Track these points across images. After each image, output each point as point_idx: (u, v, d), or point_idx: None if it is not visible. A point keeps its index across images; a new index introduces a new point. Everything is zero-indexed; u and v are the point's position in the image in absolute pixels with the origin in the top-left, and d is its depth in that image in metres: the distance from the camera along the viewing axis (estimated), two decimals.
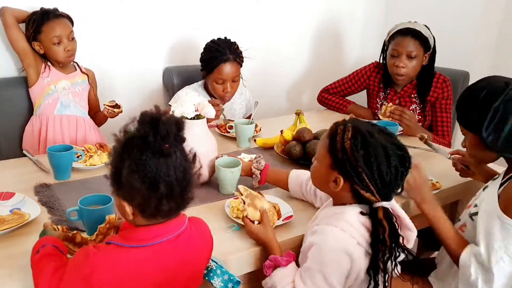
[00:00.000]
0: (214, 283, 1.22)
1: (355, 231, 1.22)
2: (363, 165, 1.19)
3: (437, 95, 2.46)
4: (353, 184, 1.22)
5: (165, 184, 1.02)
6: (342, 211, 1.26)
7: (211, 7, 2.74)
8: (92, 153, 1.87)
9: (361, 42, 3.41)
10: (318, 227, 1.28)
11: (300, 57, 3.23)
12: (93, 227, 1.32)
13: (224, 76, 2.29)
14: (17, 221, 1.37)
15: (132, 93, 2.64)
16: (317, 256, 1.24)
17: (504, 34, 2.99)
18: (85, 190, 1.56)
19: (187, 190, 1.07)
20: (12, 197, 1.51)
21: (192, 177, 1.08)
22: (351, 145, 1.20)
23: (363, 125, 1.24)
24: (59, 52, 2.14)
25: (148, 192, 1.02)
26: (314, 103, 2.85)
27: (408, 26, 2.37)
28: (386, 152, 1.20)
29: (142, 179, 1.01)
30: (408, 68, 2.38)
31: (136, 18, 2.55)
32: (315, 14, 3.18)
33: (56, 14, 2.13)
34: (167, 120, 1.02)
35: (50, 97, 2.19)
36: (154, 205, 1.03)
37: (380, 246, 1.21)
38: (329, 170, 1.26)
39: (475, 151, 1.49)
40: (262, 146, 2.09)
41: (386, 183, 1.21)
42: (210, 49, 2.32)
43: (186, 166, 1.06)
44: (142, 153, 1.01)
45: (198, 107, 1.66)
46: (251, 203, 1.40)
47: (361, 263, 1.23)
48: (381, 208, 1.22)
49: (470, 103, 1.43)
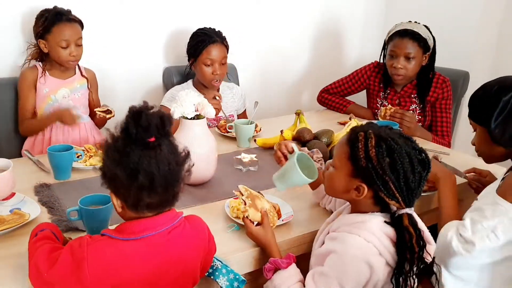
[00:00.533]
0: (220, 282, 1.22)
1: (378, 241, 1.19)
2: (390, 174, 1.17)
3: (437, 95, 2.46)
4: (378, 192, 1.19)
5: (145, 175, 1.03)
6: (364, 219, 1.23)
7: (211, 7, 2.74)
8: (92, 153, 1.86)
9: (361, 42, 3.41)
10: (339, 234, 1.24)
11: (300, 57, 3.23)
12: (93, 227, 1.33)
13: (213, 57, 2.34)
14: (17, 221, 1.37)
15: (132, 93, 2.64)
16: (337, 264, 1.21)
17: (504, 34, 2.99)
18: (85, 190, 1.56)
19: (172, 185, 1.08)
20: (12, 197, 1.51)
21: (178, 173, 1.09)
22: (377, 153, 1.17)
23: (383, 131, 1.21)
24: (63, 56, 2.12)
25: (128, 182, 1.04)
26: (314, 103, 2.86)
27: (407, 27, 2.37)
28: (410, 158, 1.18)
29: (123, 169, 1.04)
30: (406, 69, 2.38)
31: (136, 18, 2.55)
32: (315, 14, 3.18)
33: (69, 18, 2.12)
34: (150, 113, 1.05)
35: (51, 107, 2.18)
36: (134, 196, 1.06)
37: (408, 253, 1.18)
38: (349, 178, 1.23)
39: (483, 145, 1.51)
40: (262, 146, 2.09)
41: (411, 190, 1.19)
42: (197, 35, 2.40)
43: (171, 160, 1.07)
44: (126, 145, 1.04)
45: (198, 107, 1.66)
46: (252, 203, 1.39)
47: (380, 273, 1.20)
48: (406, 215, 1.20)
49: (482, 98, 1.48)
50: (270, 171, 1.86)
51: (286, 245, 1.41)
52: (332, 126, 2.20)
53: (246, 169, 1.86)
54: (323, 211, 1.58)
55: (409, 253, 1.18)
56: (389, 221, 1.21)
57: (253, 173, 1.85)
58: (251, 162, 1.86)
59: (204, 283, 1.28)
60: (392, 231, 1.20)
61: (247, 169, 1.86)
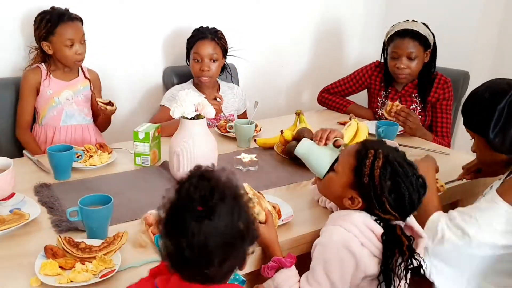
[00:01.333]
0: None
1: (358, 232, 1.24)
2: (387, 195, 1.22)
3: (438, 95, 2.46)
4: (373, 209, 1.25)
5: (194, 247, 0.91)
6: (348, 213, 1.28)
7: (211, 7, 2.74)
8: (92, 153, 1.86)
9: (361, 42, 3.41)
10: (324, 229, 1.31)
11: (300, 57, 3.23)
12: (93, 227, 1.33)
13: (200, 52, 2.35)
14: (17, 221, 1.37)
15: (132, 93, 2.64)
16: (320, 254, 1.26)
17: (504, 34, 2.99)
18: (85, 190, 1.56)
19: (225, 259, 0.95)
20: (12, 197, 1.51)
21: (234, 246, 0.95)
22: (380, 174, 1.22)
23: (392, 152, 1.26)
24: (69, 55, 2.11)
25: (177, 254, 0.94)
26: (314, 103, 2.85)
27: (406, 27, 2.38)
28: (411, 184, 1.23)
29: (172, 241, 0.94)
30: (410, 68, 2.39)
31: (136, 18, 2.54)
32: (315, 14, 3.18)
33: (71, 17, 2.11)
34: (197, 182, 0.94)
35: (55, 109, 2.18)
36: (186, 269, 0.96)
37: (396, 251, 1.22)
38: (347, 188, 1.28)
39: (484, 154, 1.50)
40: (262, 146, 2.09)
41: (406, 210, 1.25)
42: (192, 33, 2.42)
43: (225, 231, 0.93)
44: (174, 214, 0.95)
45: (198, 107, 1.66)
46: (258, 201, 1.39)
47: (367, 262, 1.24)
48: (398, 226, 1.26)
49: (474, 106, 1.45)
50: (270, 171, 1.88)
51: (286, 245, 1.40)
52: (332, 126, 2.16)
53: (246, 169, 1.86)
54: (323, 211, 1.58)
55: (398, 250, 1.22)
56: (381, 226, 1.26)
57: (253, 173, 1.85)
58: (251, 162, 1.86)
59: None
60: (378, 228, 1.25)
61: (247, 169, 1.86)
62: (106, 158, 1.86)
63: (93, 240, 1.30)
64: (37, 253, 1.24)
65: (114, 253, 1.26)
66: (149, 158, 1.85)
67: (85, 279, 1.17)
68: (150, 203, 1.53)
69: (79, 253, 1.24)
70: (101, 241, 1.29)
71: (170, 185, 0.98)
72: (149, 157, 1.85)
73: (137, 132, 1.83)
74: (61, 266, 1.20)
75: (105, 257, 1.22)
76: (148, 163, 1.86)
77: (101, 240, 1.29)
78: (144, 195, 1.63)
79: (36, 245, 1.29)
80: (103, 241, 1.28)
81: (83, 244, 1.27)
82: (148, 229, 1.37)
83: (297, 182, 1.78)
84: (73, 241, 1.27)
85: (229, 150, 2.06)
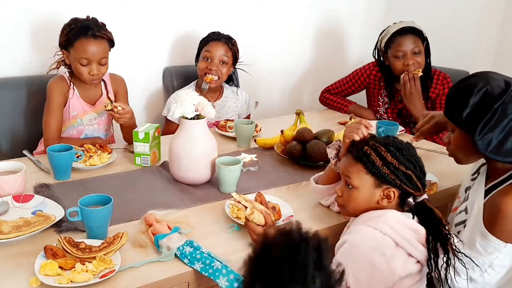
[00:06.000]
0: (220, 283, 1.21)
1: (393, 232, 1.23)
2: (410, 166, 1.26)
3: (438, 91, 2.46)
4: (405, 188, 1.26)
5: None
6: (380, 214, 1.27)
7: (211, 7, 2.74)
8: (92, 153, 1.86)
9: (361, 42, 3.41)
10: (354, 227, 1.29)
11: (300, 57, 3.23)
12: (93, 227, 1.33)
13: (212, 50, 2.36)
14: (44, 223, 1.38)
15: (132, 93, 2.63)
16: (351, 253, 1.23)
17: (504, 34, 2.99)
18: (85, 190, 1.56)
19: None
20: (31, 199, 1.52)
21: None
22: (393, 156, 1.26)
23: (382, 138, 1.32)
24: (83, 74, 1.95)
25: None
26: (314, 103, 2.86)
27: (401, 26, 2.40)
28: (413, 149, 1.30)
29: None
30: (418, 63, 2.40)
31: (136, 18, 2.54)
32: (315, 14, 3.18)
33: (96, 34, 1.92)
34: None
35: (75, 128, 2.08)
36: None
37: (443, 229, 1.24)
38: (374, 190, 1.28)
39: (460, 150, 1.41)
40: (262, 146, 2.09)
41: (424, 174, 1.30)
42: (207, 35, 2.44)
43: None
44: None
45: (198, 107, 1.66)
46: (253, 207, 1.38)
47: (401, 264, 1.22)
48: (426, 200, 1.30)
49: (468, 98, 1.32)
50: (270, 171, 1.88)
51: None
52: (333, 126, 2.20)
53: (246, 169, 1.85)
54: (323, 211, 1.58)
55: (443, 228, 1.24)
56: (414, 210, 1.28)
57: (253, 173, 1.85)
58: (251, 162, 1.86)
59: (204, 283, 1.28)
60: (415, 223, 1.25)
61: (247, 169, 1.86)
62: (106, 158, 1.86)
63: (93, 240, 1.30)
64: (37, 253, 1.24)
65: (114, 253, 1.26)
66: (149, 158, 1.85)
67: (85, 279, 1.17)
68: (150, 203, 1.54)
69: (79, 253, 1.24)
70: (101, 241, 1.29)
71: (170, 185, 0.93)
72: (149, 157, 1.85)
73: (137, 132, 1.83)
74: (61, 266, 1.20)
75: (105, 257, 1.22)
76: (148, 163, 1.86)
77: (101, 240, 1.29)
78: (144, 195, 1.63)
79: (36, 245, 1.29)
80: (103, 241, 1.29)
81: (83, 244, 1.27)
82: (148, 229, 1.37)
83: (297, 182, 1.78)
84: (73, 241, 1.27)
85: (229, 150, 2.05)
